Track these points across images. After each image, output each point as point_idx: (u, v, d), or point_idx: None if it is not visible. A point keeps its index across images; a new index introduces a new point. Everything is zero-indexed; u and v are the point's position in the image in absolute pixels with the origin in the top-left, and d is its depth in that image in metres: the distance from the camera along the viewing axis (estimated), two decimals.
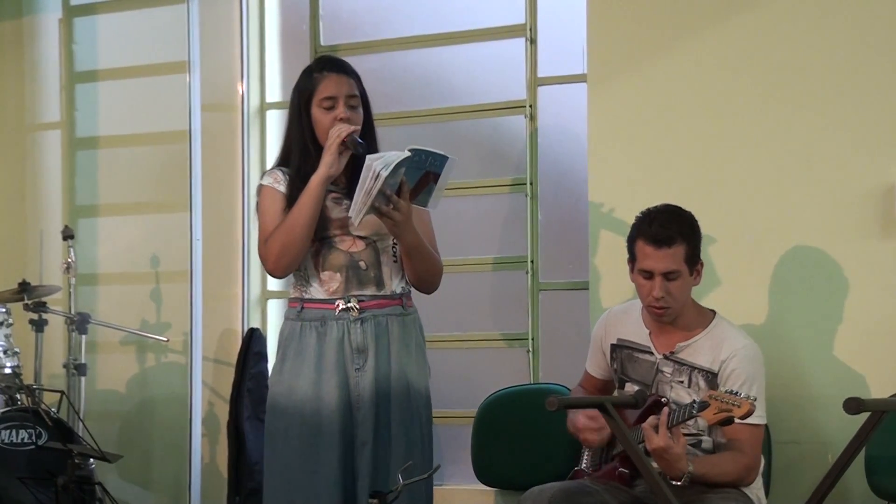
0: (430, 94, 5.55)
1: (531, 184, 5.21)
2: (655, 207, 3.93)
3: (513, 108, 5.30)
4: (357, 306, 3.88)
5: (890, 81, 4.38)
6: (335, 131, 3.83)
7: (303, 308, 3.92)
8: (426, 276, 3.96)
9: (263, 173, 4.01)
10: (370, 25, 5.71)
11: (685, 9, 4.68)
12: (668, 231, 3.83)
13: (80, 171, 6.23)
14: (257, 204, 3.98)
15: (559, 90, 5.21)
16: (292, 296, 3.98)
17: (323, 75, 3.93)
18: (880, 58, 4.39)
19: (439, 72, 5.58)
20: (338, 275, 3.89)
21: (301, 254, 3.85)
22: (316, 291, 3.91)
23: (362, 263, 3.90)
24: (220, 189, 5.85)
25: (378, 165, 3.68)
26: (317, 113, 3.91)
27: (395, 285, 3.93)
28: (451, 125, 5.47)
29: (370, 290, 3.90)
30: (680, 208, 3.94)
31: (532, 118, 5.22)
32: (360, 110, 3.95)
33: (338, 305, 3.88)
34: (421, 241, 3.88)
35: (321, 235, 3.87)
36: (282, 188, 3.91)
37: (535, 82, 5.22)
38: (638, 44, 4.77)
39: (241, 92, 5.85)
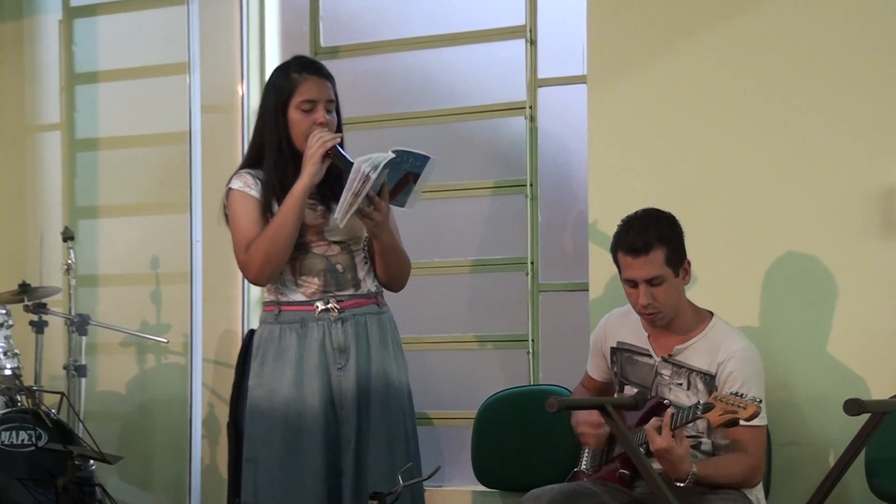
0: (430, 95, 5.55)
1: (531, 185, 5.21)
2: (633, 214, 3.91)
3: (513, 109, 5.30)
4: (337, 306, 3.88)
5: (890, 82, 4.38)
6: (317, 140, 3.79)
7: (280, 311, 3.90)
8: (398, 274, 3.97)
9: (231, 176, 3.96)
10: (370, 26, 5.70)
11: (685, 10, 4.68)
12: (643, 238, 3.81)
13: (81, 172, 6.23)
14: (225, 207, 3.93)
15: (559, 91, 5.21)
16: (267, 299, 3.96)
17: (303, 77, 3.89)
18: (879, 59, 4.39)
19: (439, 73, 5.58)
20: (315, 279, 3.89)
21: (284, 262, 3.83)
22: (294, 295, 3.90)
23: (339, 266, 3.90)
24: (220, 190, 5.79)
25: (367, 167, 3.68)
26: (294, 115, 3.87)
27: (369, 285, 3.94)
28: (451, 126, 5.47)
29: (348, 291, 3.90)
30: (657, 211, 3.91)
31: (532, 119, 5.22)
32: (335, 115, 3.92)
33: (317, 307, 3.88)
34: (396, 240, 3.90)
35: (298, 241, 3.84)
36: (253, 193, 3.87)
37: (535, 83, 5.23)
38: (638, 45, 4.77)
39: (241, 93, 5.84)
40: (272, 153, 3.88)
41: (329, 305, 3.87)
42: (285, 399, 3.83)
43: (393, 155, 3.73)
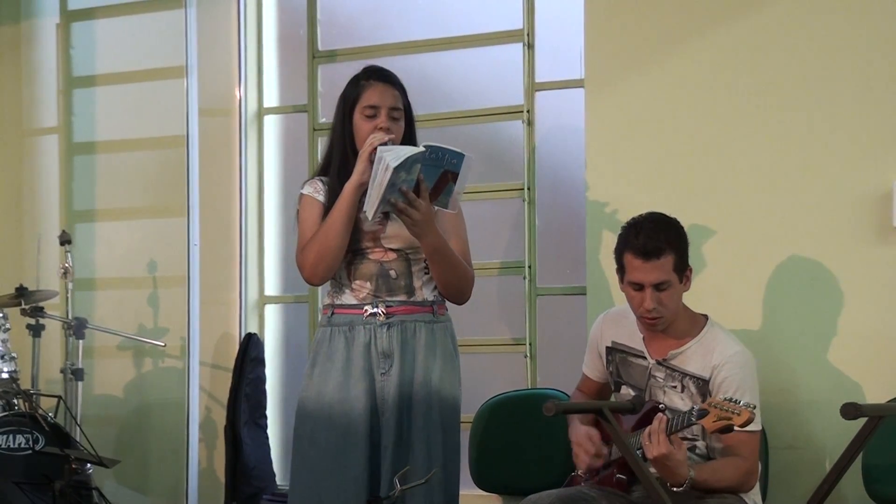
0: (427, 98, 5.53)
1: (529, 189, 5.22)
2: (641, 217, 3.89)
3: (510, 113, 5.30)
4: (384, 311, 3.90)
5: (888, 87, 4.38)
6: (369, 139, 3.86)
7: (333, 313, 3.96)
8: (451, 283, 3.96)
9: (304, 182, 4.04)
10: (368, 30, 5.70)
11: (683, 14, 4.69)
12: (655, 242, 3.80)
13: (78, 175, 6.22)
14: (297, 213, 4.01)
15: (557, 95, 5.21)
16: (325, 302, 4.02)
17: (369, 83, 3.98)
18: (878, 63, 4.40)
19: (437, 77, 5.58)
20: (368, 283, 3.93)
21: (336, 261, 3.87)
22: (346, 298, 3.95)
23: (392, 272, 3.92)
24: (218, 194, 5.84)
25: (388, 156, 3.69)
26: (358, 120, 3.94)
27: (426, 293, 3.96)
28: (449, 130, 5.46)
29: (400, 297, 3.92)
30: (665, 216, 3.91)
31: (530, 123, 5.22)
32: (402, 123, 3.96)
33: (365, 310, 3.91)
34: (444, 244, 3.89)
35: (354, 247, 3.90)
36: (320, 198, 3.94)
37: (532, 87, 5.23)
38: (635, 49, 4.77)
39: (238, 97, 5.85)
40: (338, 159, 3.96)
41: (376, 310, 3.90)
42: (331, 401, 3.88)
43: (422, 149, 3.73)
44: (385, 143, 3.82)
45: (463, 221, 4.04)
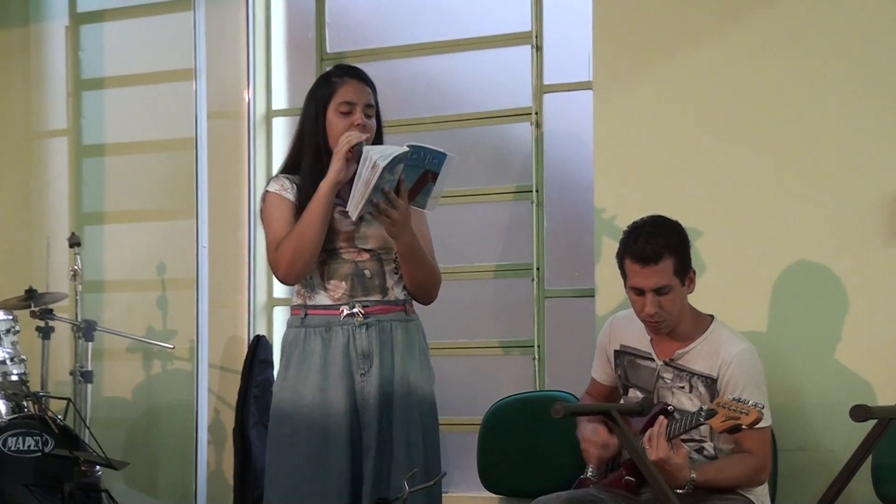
0: (436, 101, 5.55)
1: (537, 191, 5.22)
2: (641, 221, 3.88)
3: (519, 115, 5.30)
4: (362, 311, 3.88)
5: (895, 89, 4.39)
6: (345, 137, 3.82)
7: (306, 315, 3.91)
8: (423, 283, 3.94)
9: (269, 180, 3.99)
10: (376, 33, 5.71)
11: (691, 16, 4.69)
12: (653, 247, 3.79)
13: (87, 178, 6.24)
14: (262, 211, 3.95)
15: (565, 97, 5.21)
16: (295, 303, 3.97)
17: (343, 81, 3.93)
18: (885, 65, 4.39)
19: (445, 79, 5.58)
20: (343, 283, 3.89)
21: (312, 260, 3.84)
22: (321, 298, 3.90)
23: (367, 272, 3.90)
24: (227, 196, 5.85)
25: (375, 155, 3.67)
26: (332, 117, 3.89)
27: (398, 293, 3.94)
28: (457, 132, 5.48)
29: (375, 297, 3.90)
30: (665, 219, 3.89)
31: (538, 125, 5.22)
32: (374, 122, 3.95)
33: (342, 311, 3.89)
34: (418, 244, 3.87)
35: (328, 247, 3.86)
36: (289, 196, 3.89)
37: (541, 89, 5.23)
38: (643, 51, 4.77)
39: (247, 99, 5.85)
40: (310, 157, 3.90)
41: (354, 310, 3.88)
42: (310, 403, 3.84)
43: (406, 149, 3.72)
44: (361, 142, 3.80)
45: (426, 219, 3.99)
